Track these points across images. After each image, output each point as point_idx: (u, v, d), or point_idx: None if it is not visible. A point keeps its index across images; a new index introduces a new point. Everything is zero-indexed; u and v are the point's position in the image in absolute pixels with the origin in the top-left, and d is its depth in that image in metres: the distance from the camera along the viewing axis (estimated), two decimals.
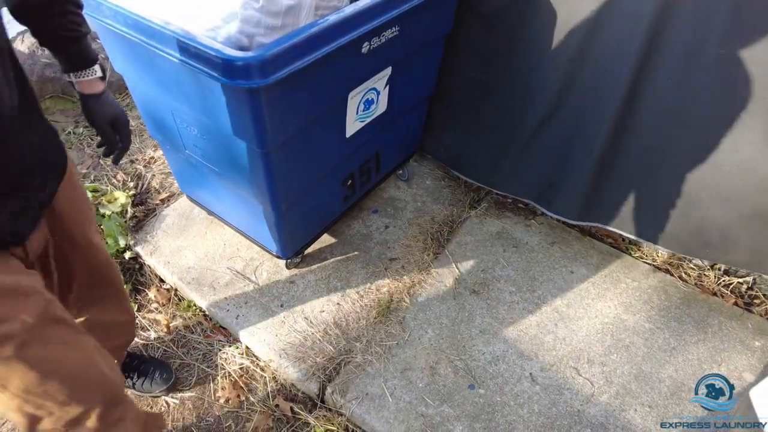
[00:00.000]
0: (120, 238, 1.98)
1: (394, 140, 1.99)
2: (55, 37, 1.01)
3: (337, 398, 1.55)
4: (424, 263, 1.92)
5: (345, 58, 1.32)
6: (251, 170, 1.39)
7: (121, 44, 1.40)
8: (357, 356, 1.64)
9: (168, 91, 1.40)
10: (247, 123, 1.20)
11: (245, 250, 1.96)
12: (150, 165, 2.42)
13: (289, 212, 1.57)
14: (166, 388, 1.62)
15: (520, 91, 1.82)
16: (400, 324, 1.73)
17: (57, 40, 1.02)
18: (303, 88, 1.25)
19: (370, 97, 1.58)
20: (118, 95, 2.92)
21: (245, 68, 1.05)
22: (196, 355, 1.75)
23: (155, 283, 1.95)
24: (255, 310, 1.77)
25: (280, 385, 1.66)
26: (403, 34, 1.48)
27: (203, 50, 1.08)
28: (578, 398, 1.55)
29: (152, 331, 1.81)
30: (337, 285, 1.86)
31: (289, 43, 1.10)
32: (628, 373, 1.62)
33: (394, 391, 1.55)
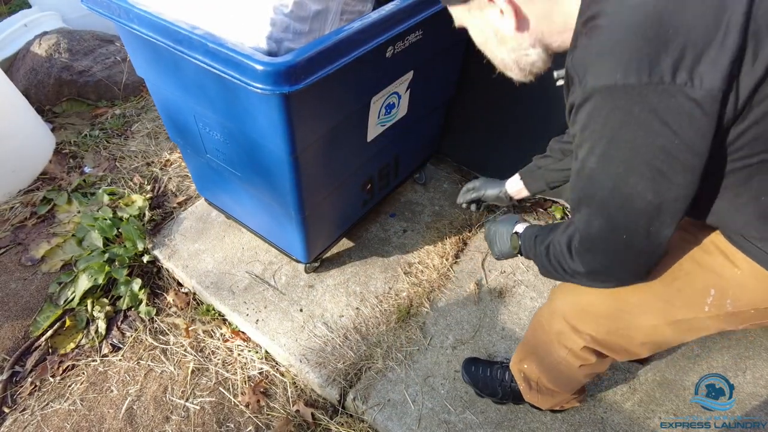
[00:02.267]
0: (138, 242, 1.98)
1: (414, 143, 1.98)
2: None
3: (358, 404, 1.54)
4: (444, 268, 1.91)
5: (370, 63, 1.31)
6: (275, 175, 1.39)
7: (144, 48, 1.40)
8: (378, 362, 1.63)
9: (191, 95, 1.40)
10: (274, 128, 1.20)
11: (264, 254, 1.96)
12: (166, 168, 2.42)
13: (310, 216, 1.57)
14: None
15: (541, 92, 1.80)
16: (420, 329, 1.72)
17: None
18: (330, 93, 1.25)
19: (391, 101, 1.57)
20: (132, 98, 2.93)
21: (276, 74, 1.04)
22: (216, 359, 1.74)
23: (173, 287, 1.95)
24: (274, 315, 1.77)
25: (300, 391, 1.65)
26: (427, 38, 1.47)
27: (233, 55, 1.07)
28: (602, 405, 1.54)
29: (171, 336, 1.81)
30: (356, 289, 1.85)
31: (318, 48, 1.09)
32: (652, 380, 1.60)
33: (416, 398, 1.54)
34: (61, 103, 2.81)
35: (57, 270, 2.00)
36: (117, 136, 2.66)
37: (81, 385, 1.69)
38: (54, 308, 1.86)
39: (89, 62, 2.81)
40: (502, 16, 0.80)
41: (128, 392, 1.67)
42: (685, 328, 0.94)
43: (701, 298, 0.89)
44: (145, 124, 2.72)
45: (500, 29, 0.83)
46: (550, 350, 1.17)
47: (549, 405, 1.42)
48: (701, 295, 0.89)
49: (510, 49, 0.86)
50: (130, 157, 2.50)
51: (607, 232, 0.78)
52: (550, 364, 1.21)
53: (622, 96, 0.66)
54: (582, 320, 1.06)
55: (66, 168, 2.46)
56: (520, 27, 0.81)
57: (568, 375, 1.20)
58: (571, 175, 0.81)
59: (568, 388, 1.30)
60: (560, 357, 1.15)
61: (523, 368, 1.34)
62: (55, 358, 1.76)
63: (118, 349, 1.79)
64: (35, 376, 1.71)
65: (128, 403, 1.64)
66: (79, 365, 1.75)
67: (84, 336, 1.82)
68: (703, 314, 0.89)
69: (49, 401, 1.65)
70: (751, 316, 0.88)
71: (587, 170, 0.75)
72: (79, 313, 1.86)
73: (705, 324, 0.92)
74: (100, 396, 1.67)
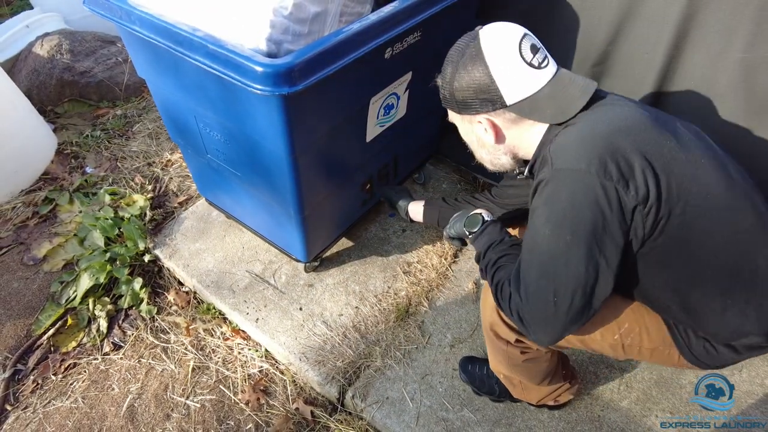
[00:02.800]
0: (139, 241, 2.00)
1: (413, 144, 1.99)
2: None
3: (357, 402, 1.56)
4: (442, 267, 1.92)
5: (369, 64, 1.32)
6: (275, 175, 1.40)
7: (145, 50, 1.41)
8: (377, 360, 1.64)
9: (192, 95, 1.41)
10: (274, 129, 1.21)
11: (264, 254, 1.98)
12: (167, 168, 2.44)
13: (310, 216, 1.58)
14: None
15: None
16: (419, 328, 1.73)
17: None
18: (329, 94, 1.26)
19: (390, 102, 1.59)
20: (134, 98, 2.95)
21: (275, 75, 1.05)
22: (216, 358, 1.76)
23: (174, 286, 1.97)
24: (274, 314, 1.78)
25: (299, 389, 1.67)
26: (425, 39, 1.48)
27: (233, 57, 1.09)
28: (598, 403, 1.55)
29: (172, 334, 1.83)
30: (355, 288, 1.86)
31: (318, 50, 1.10)
32: (649, 378, 1.61)
33: (414, 396, 1.56)
34: (63, 104, 2.83)
35: (59, 269, 2.02)
36: (118, 136, 2.67)
37: (82, 383, 1.71)
38: (56, 307, 1.88)
39: (91, 63, 2.83)
40: (486, 132, 1.07)
41: (129, 390, 1.69)
42: (588, 341, 1.13)
43: (616, 326, 1.11)
44: (146, 124, 2.74)
45: (482, 138, 1.10)
46: (497, 345, 1.22)
47: (537, 398, 1.44)
48: (617, 324, 1.11)
49: (487, 152, 1.13)
50: (132, 157, 2.52)
51: (541, 289, 0.92)
52: (506, 359, 1.25)
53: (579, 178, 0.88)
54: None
55: (68, 168, 2.48)
56: (498, 141, 1.08)
57: (523, 366, 1.25)
58: (525, 238, 0.98)
59: (537, 378, 1.32)
60: (503, 349, 1.21)
61: (498, 368, 1.36)
62: (56, 356, 1.78)
63: (119, 347, 1.81)
64: (37, 374, 1.73)
65: (129, 401, 1.66)
66: (81, 363, 1.76)
67: (85, 334, 1.84)
68: (610, 340, 1.12)
69: (51, 399, 1.67)
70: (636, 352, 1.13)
71: (538, 233, 0.93)
72: (80, 312, 1.87)
73: (602, 346, 1.14)
74: (101, 394, 1.68)
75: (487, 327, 1.21)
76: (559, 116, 0.98)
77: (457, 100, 1.05)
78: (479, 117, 1.04)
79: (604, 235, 0.87)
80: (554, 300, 0.91)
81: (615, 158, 0.86)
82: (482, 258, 1.14)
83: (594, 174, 0.85)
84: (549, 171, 0.92)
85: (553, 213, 0.90)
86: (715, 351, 1.06)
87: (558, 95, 0.98)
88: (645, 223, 0.89)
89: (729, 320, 0.98)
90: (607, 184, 0.85)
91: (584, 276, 0.89)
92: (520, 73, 0.98)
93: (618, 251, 0.89)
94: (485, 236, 1.17)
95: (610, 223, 0.87)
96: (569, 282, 0.90)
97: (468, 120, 1.09)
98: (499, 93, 0.99)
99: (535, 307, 0.93)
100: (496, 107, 1.00)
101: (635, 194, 0.86)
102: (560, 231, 0.89)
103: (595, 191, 0.86)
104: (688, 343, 1.08)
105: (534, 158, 1.05)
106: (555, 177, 0.90)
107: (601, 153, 0.87)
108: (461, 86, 1.02)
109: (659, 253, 0.93)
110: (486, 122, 1.04)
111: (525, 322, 0.96)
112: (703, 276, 0.96)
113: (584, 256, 0.88)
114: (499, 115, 1.02)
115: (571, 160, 0.89)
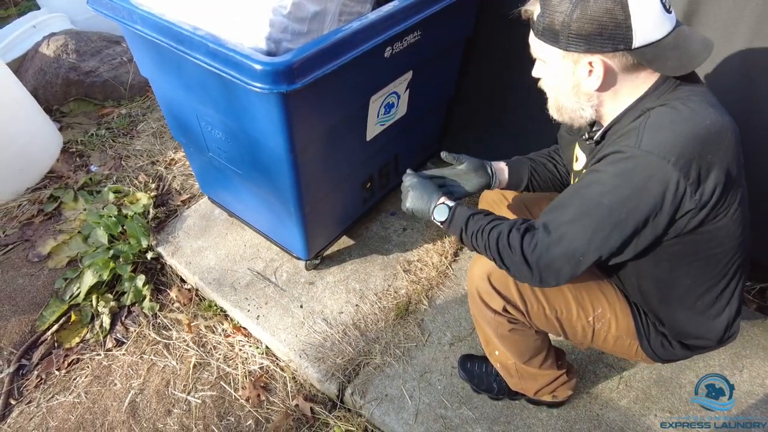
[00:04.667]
0: (142, 239, 2.02)
1: (414, 143, 2.00)
2: None
3: (356, 399, 1.57)
4: (443, 266, 1.93)
5: (369, 63, 1.33)
6: (276, 173, 1.42)
7: (148, 49, 1.43)
8: (376, 358, 1.65)
9: (194, 94, 1.43)
10: (274, 126, 1.22)
11: (265, 251, 1.99)
12: (171, 166, 2.46)
13: (311, 214, 1.59)
14: None
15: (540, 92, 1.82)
16: (418, 326, 1.74)
17: None
18: (328, 92, 1.27)
19: (390, 101, 1.60)
20: (138, 98, 2.97)
21: (274, 73, 1.07)
22: (217, 354, 1.77)
23: (177, 284, 1.99)
24: (275, 311, 1.79)
25: (299, 386, 1.68)
26: (425, 38, 1.49)
27: (232, 55, 1.10)
28: (597, 402, 1.55)
29: (174, 331, 1.84)
30: (355, 287, 1.87)
31: (316, 48, 1.11)
32: (648, 377, 1.61)
33: (413, 393, 1.56)
34: (69, 103, 2.86)
35: (63, 266, 2.04)
36: (123, 135, 2.70)
37: (85, 379, 1.73)
38: (60, 303, 1.90)
39: (96, 63, 2.86)
40: (589, 76, 0.93)
41: (131, 386, 1.71)
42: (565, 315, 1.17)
43: (591, 309, 1.15)
44: (150, 123, 2.76)
45: (582, 85, 0.96)
46: (486, 314, 1.20)
47: (535, 388, 1.42)
48: (592, 307, 1.15)
49: (576, 100, 0.99)
50: (136, 156, 2.54)
51: (574, 247, 0.93)
52: (494, 329, 1.23)
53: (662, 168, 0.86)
54: (497, 279, 1.15)
55: (73, 166, 2.50)
56: (601, 88, 0.95)
57: (510, 338, 1.25)
58: (569, 191, 0.97)
59: (526, 354, 1.31)
60: (491, 317, 1.19)
61: (495, 356, 1.37)
62: (60, 351, 1.80)
63: (121, 343, 1.83)
64: (41, 370, 1.75)
65: (131, 397, 1.67)
66: (84, 359, 1.78)
67: (89, 331, 1.86)
68: (583, 321, 1.16)
69: (55, 394, 1.69)
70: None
71: (596, 199, 0.91)
72: (84, 309, 1.89)
73: (574, 325, 1.18)
74: (104, 389, 1.70)
75: (475, 296, 1.19)
76: (679, 69, 0.90)
77: (572, 32, 0.89)
78: (593, 57, 0.90)
79: (652, 222, 0.90)
80: (579, 258, 0.93)
81: (700, 163, 0.85)
82: (465, 231, 1.10)
83: (678, 170, 0.85)
84: (634, 147, 0.88)
85: (620, 189, 0.89)
86: (671, 347, 1.14)
87: (681, 45, 0.89)
88: (688, 224, 0.92)
89: (702, 321, 1.07)
90: (682, 182, 0.85)
91: (616, 249, 0.92)
92: (656, 14, 0.87)
93: (653, 239, 0.93)
94: (458, 217, 1.12)
95: (663, 214, 0.88)
96: (600, 250, 0.92)
97: (573, 59, 0.93)
98: (630, 32, 0.86)
99: (555, 257, 0.94)
100: (619, 48, 0.88)
101: (698, 200, 0.88)
102: (619, 208, 0.89)
103: (668, 183, 0.86)
104: (648, 336, 1.15)
105: (612, 123, 0.99)
106: (639, 157, 0.87)
107: (692, 154, 0.85)
108: (585, 15, 0.87)
109: (681, 246, 0.97)
110: (599, 64, 0.91)
111: (533, 263, 0.96)
112: (707, 274, 1.02)
113: (627, 234, 0.91)
114: (616, 58, 0.90)
115: (663, 149, 0.85)
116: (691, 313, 1.08)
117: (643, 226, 0.90)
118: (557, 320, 1.17)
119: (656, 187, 0.86)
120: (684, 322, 1.10)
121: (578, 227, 0.93)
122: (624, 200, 0.88)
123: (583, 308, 1.16)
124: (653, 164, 0.86)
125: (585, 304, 1.16)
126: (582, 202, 0.94)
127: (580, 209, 0.93)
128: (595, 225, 0.91)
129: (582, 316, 1.16)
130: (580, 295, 1.16)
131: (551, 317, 1.16)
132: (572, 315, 1.16)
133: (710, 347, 1.15)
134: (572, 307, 1.15)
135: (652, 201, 0.87)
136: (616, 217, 0.90)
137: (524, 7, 0.99)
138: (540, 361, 1.33)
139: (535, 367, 1.34)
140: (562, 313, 1.16)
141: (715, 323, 1.08)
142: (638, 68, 0.92)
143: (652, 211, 0.88)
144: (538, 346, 1.29)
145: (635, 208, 0.88)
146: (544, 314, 1.16)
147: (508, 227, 1.01)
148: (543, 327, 1.20)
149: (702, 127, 0.86)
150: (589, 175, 0.95)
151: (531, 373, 1.36)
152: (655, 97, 0.93)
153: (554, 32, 0.91)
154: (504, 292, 1.14)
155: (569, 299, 1.16)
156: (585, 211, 0.93)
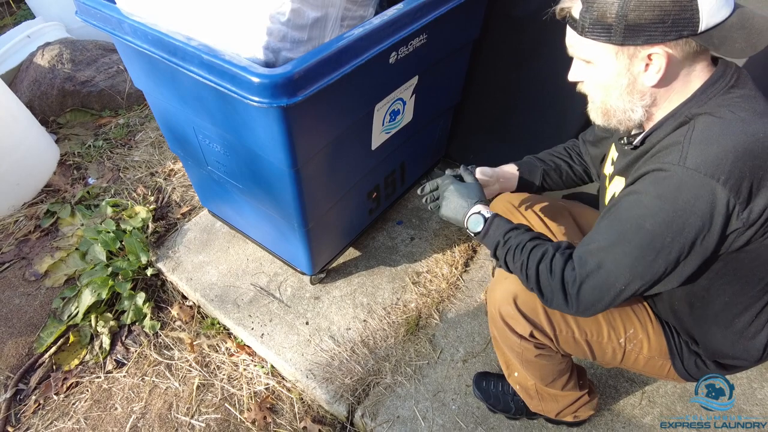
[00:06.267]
0: (141, 255, 1.95)
1: (420, 149, 1.93)
2: None
3: (367, 421, 1.50)
4: (453, 277, 1.86)
5: (373, 70, 1.26)
6: (277, 187, 1.35)
7: (140, 60, 1.36)
8: (386, 377, 1.58)
9: (190, 107, 1.36)
10: (274, 141, 1.15)
11: (269, 265, 1.92)
12: (170, 178, 2.39)
13: (315, 228, 1.52)
14: None
15: (550, 95, 1.75)
16: (430, 342, 1.67)
17: None
18: (331, 103, 1.20)
19: (396, 108, 1.53)
20: (136, 106, 2.91)
21: (273, 86, 1.00)
22: (221, 375, 1.71)
23: (178, 300, 1.92)
24: (280, 328, 1.72)
25: (307, 407, 1.61)
26: (431, 41, 1.42)
27: (228, 67, 1.03)
28: (620, 420, 1.48)
29: (176, 350, 1.78)
30: (363, 301, 1.80)
31: (318, 58, 1.04)
32: (672, 392, 1.53)
33: (426, 414, 1.49)
34: (65, 114, 2.79)
35: (60, 285, 1.98)
36: (121, 145, 2.64)
37: (85, 403, 1.66)
38: (58, 324, 1.84)
39: (92, 72, 2.80)
40: (646, 71, 0.84)
41: (132, 410, 1.64)
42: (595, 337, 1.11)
43: (623, 330, 1.10)
44: (148, 133, 2.70)
45: (638, 80, 0.85)
46: (510, 339, 1.14)
47: (556, 411, 1.36)
48: (623, 328, 1.10)
49: (628, 101, 0.89)
50: (134, 167, 2.47)
51: (614, 274, 0.87)
52: (518, 354, 1.17)
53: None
54: (523, 302, 1.09)
55: (70, 179, 2.44)
56: (659, 84, 0.85)
57: (536, 363, 1.18)
58: (607, 216, 0.91)
59: (549, 377, 1.24)
60: (516, 342, 1.13)
61: (514, 377, 1.31)
62: (59, 375, 1.73)
63: (122, 365, 1.76)
64: (39, 394, 1.69)
65: (132, 422, 1.61)
66: (83, 382, 1.72)
67: (88, 352, 1.79)
68: (614, 343, 1.11)
69: (53, 420, 1.63)
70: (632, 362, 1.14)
71: (636, 223, 0.84)
72: (83, 329, 1.83)
73: (604, 347, 1.12)
74: (104, 414, 1.64)
75: (498, 319, 1.12)
76: (748, 49, 0.79)
77: (629, 23, 0.79)
78: (654, 49, 0.80)
79: (699, 245, 0.82)
80: (621, 288, 0.87)
81: (752, 180, 0.77)
82: (503, 245, 1.02)
83: (728, 189, 0.76)
84: (678, 164, 0.79)
85: (664, 211, 0.81)
86: (705, 366, 1.08)
87: (747, 25, 0.79)
88: (733, 243, 0.84)
89: (739, 341, 1.00)
90: (732, 200, 0.77)
91: (660, 275, 0.85)
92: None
93: (700, 262, 0.85)
94: (495, 230, 1.05)
95: (711, 235, 0.81)
96: (644, 278, 0.86)
97: (629, 54, 0.83)
98: (697, 14, 0.76)
99: (594, 286, 0.88)
100: (683, 33, 0.78)
101: (746, 218, 0.79)
102: (664, 231, 0.81)
103: (717, 204, 0.77)
104: (681, 356, 1.09)
105: (654, 128, 0.89)
106: (684, 175, 0.78)
107: (743, 171, 0.76)
108: (645, 2, 0.77)
109: (722, 264, 0.90)
110: (662, 56, 0.80)
111: (571, 291, 0.90)
112: (747, 293, 0.95)
113: (673, 260, 0.83)
114: (679, 47, 0.80)
115: (711, 167, 0.76)
116: (728, 333, 1.01)
117: (690, 250, 0.82)
118: (587, 343, 1.10)
119: (704, 207, 0.78)
120: (720, 342, 1.02)
121: (619, 254, 0.86)
122: (669, 223, 0.81)
123: (615, 329, 1.10)
124: (700, 184, 0.77)
125: (616, 324, 1.10)
126: (622, 227, 0.86)
127: (620, 235, 0.86)
128: (637, 252, 0.84)
129: (613, 338, 1.09)
130: (611, 316, 1.10)
131: (581, 341, 1.09)
132: (603, 337, 1.09)
133: (746, 367, 1.08)
134: (603, 329, 1.09)
135: (699, 223, 0.79)
136: (660, 242, 0.82)
137: (559, 5, 0.89)
138: (563, 383, 1.25)
139: (557, 389, 1.27)
140: (593, 336, 1.09)
141: (754, 343, 1.00)
142: (697, 58, 0.83)
143: (699, 233, 0.80)
144: (562, 369, 1.22)
145: (681, 231, 0.80)
146: (573, 338, 1.09)
147: (554, 249, 0.95)
148: (571, 351, 1.14)
149: (754, 141, 0.77)
150: (628, 196, 0.87)
151: (552, 395, 1.29)
152: (702, 101, 0.84)
153: (606, 26, 0.81)
154: (531, 317, 1.07)
155: (600, 321, 1.09)
156: (625, 237, 0.85)
